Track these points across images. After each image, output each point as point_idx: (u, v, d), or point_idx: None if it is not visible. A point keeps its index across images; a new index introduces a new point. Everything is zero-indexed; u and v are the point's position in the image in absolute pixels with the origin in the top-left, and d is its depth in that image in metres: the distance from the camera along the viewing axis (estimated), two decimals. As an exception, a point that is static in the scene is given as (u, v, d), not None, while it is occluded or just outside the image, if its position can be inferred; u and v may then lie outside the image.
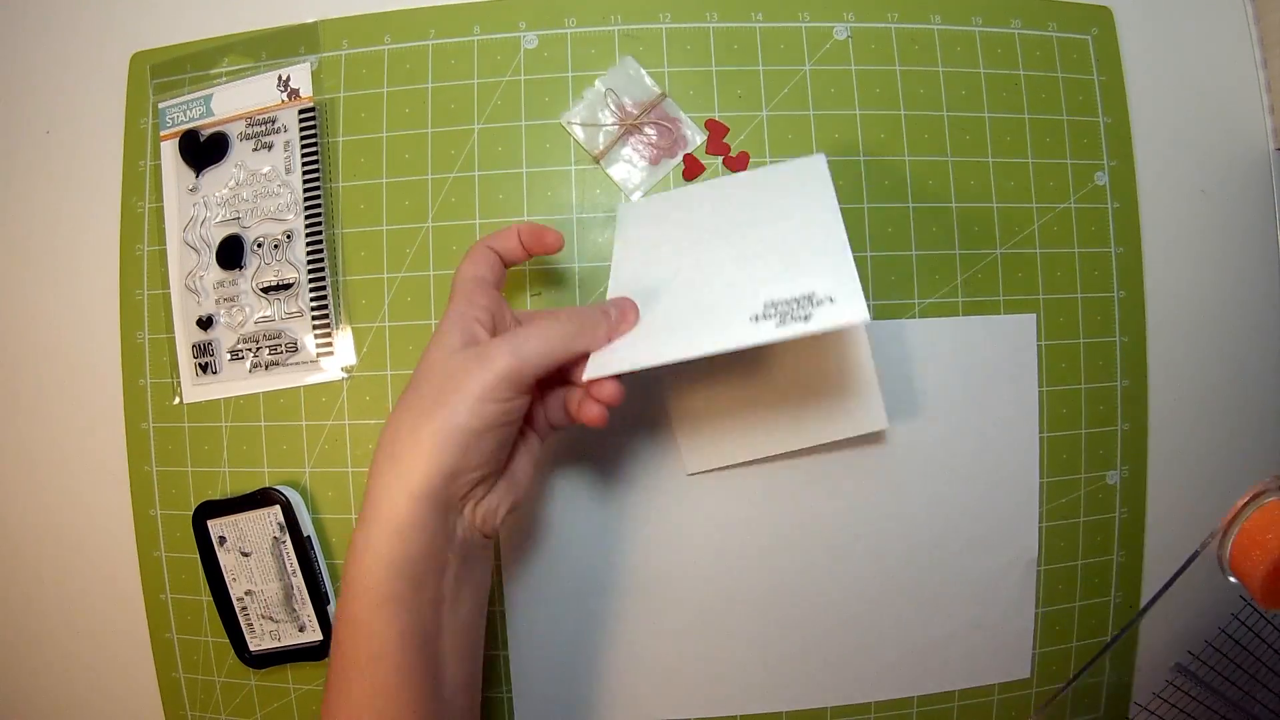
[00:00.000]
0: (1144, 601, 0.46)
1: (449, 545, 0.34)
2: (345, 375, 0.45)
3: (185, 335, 0.46)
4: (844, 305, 0.31)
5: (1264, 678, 0.39)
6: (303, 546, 0.44)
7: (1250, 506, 0.32)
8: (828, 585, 0.45)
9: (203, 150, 0.46)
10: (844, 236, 0.34)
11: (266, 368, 0.45)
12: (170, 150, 0.47)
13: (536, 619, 0.45)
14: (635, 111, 0.45)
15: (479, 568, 0.36)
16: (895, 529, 0.45)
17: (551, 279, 0.45)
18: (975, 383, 0.45)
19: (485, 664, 0.41)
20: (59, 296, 0.48)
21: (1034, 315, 0.45)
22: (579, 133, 0.45)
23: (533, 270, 0.45)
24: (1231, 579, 0.33)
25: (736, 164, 0.45)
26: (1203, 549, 0.32)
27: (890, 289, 0.45)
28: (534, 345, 0.33)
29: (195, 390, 0.46)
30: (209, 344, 0.46)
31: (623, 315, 0.36)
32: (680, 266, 0.38)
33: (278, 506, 0.44)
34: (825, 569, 0.45)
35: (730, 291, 0.34)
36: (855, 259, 0.44)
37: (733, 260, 0.36)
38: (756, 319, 0.32)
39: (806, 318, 0.31)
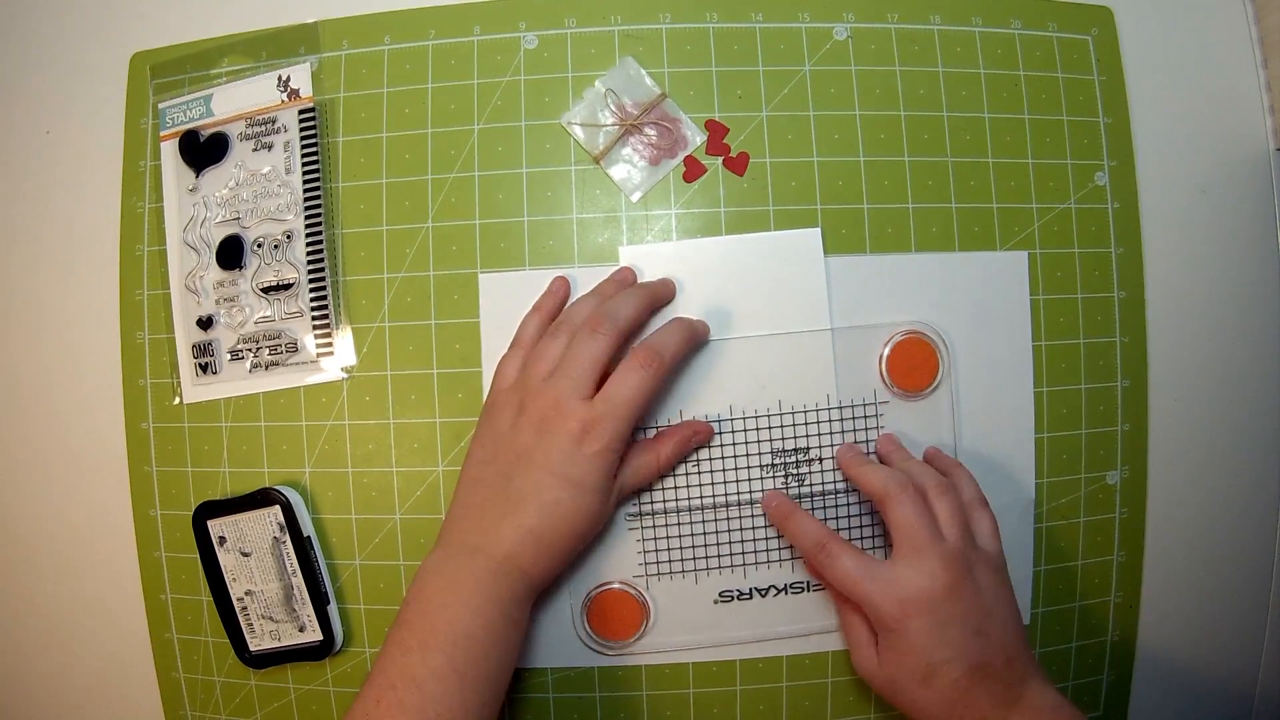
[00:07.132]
0: (1144, 601, 0.46)
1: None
2: (345, 375, 0.45)
3: (185, 335, 0.46)
4: None
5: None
6: (303, 546, 0.44)
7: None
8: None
9: (203, 150, 0.46)
10: None
11: (266, 368, 0.46)
12: (170, 150, 0.47)
13: None
14: (635, 112, 0.45)
15: None
16: None
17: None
18: (971, 324, 0.45)
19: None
20: (59, 297, 0.48)
21: (1025, 253, 0.45)
22: (579, 133, 0.45)
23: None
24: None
25: (736, 164, 0.45)
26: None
27: (890, 289, 0.45)
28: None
29: (195, 390, 0.46)
30: (209, 344, 0.46)
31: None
32: None
33: (278, 506, 0.44)
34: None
35: None
36: (856, 258, 0.44)
37: None
38: None
39: None
